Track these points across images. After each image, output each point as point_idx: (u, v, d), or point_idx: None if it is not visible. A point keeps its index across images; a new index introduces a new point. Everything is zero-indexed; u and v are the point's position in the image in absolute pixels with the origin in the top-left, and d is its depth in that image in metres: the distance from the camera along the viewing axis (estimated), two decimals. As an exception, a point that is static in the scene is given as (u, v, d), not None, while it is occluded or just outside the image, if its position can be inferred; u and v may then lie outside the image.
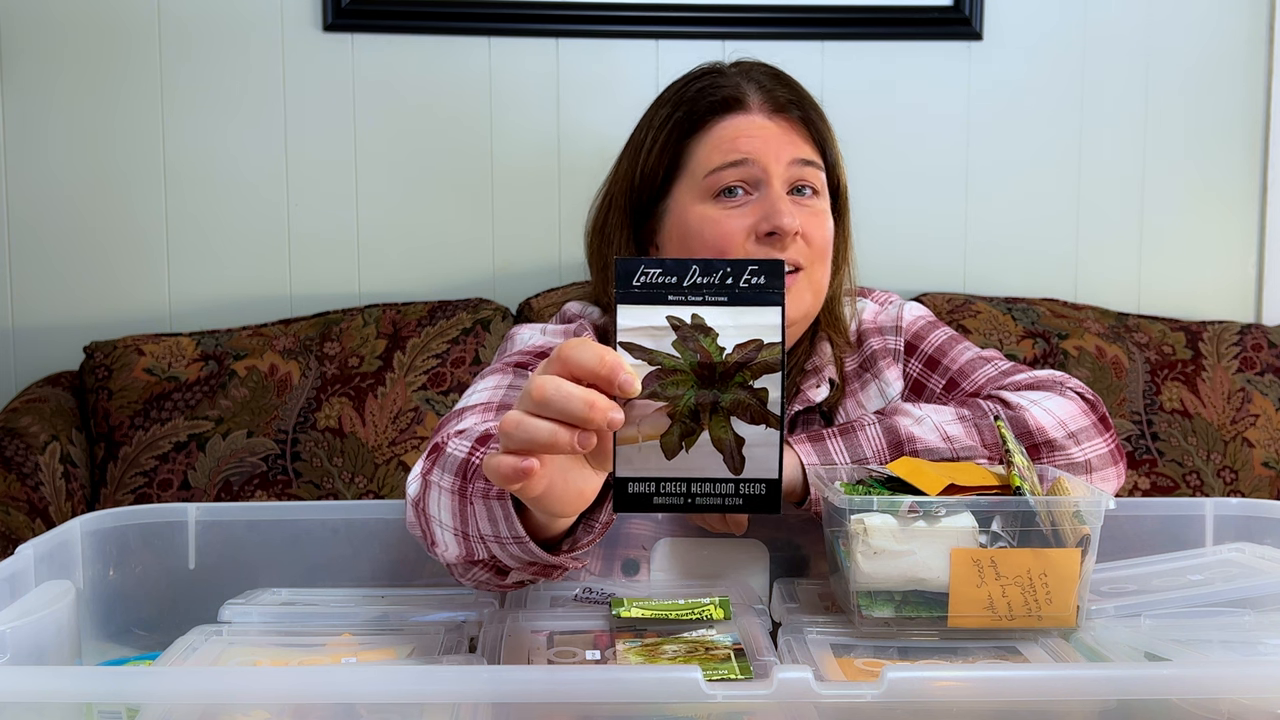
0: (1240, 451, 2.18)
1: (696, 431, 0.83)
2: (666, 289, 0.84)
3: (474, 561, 1.04)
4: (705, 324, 0.83)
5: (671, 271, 0.84)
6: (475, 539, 1.01)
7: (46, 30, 2.22)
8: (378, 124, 2.29)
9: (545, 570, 1.02)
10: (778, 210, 1.29)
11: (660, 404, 0.82)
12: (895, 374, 1.41)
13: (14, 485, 1.92)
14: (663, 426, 0.83)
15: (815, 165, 1.35)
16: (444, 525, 1.04)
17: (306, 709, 0.84)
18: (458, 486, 1.02)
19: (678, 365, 0.83)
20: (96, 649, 1.14)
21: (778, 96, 1.36)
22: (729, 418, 0.83)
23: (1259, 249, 2.43)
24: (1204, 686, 0.86)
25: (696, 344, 0.83)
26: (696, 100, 1.36)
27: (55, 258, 2.26)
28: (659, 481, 0.83)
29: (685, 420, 0.83)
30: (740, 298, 0.84)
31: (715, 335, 0.83)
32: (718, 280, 0.84)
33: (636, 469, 0.83)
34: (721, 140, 1.33)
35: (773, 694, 0.82)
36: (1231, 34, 2.39)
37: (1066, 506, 1.02)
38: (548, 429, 0.82)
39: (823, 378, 1.37)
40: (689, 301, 0.84)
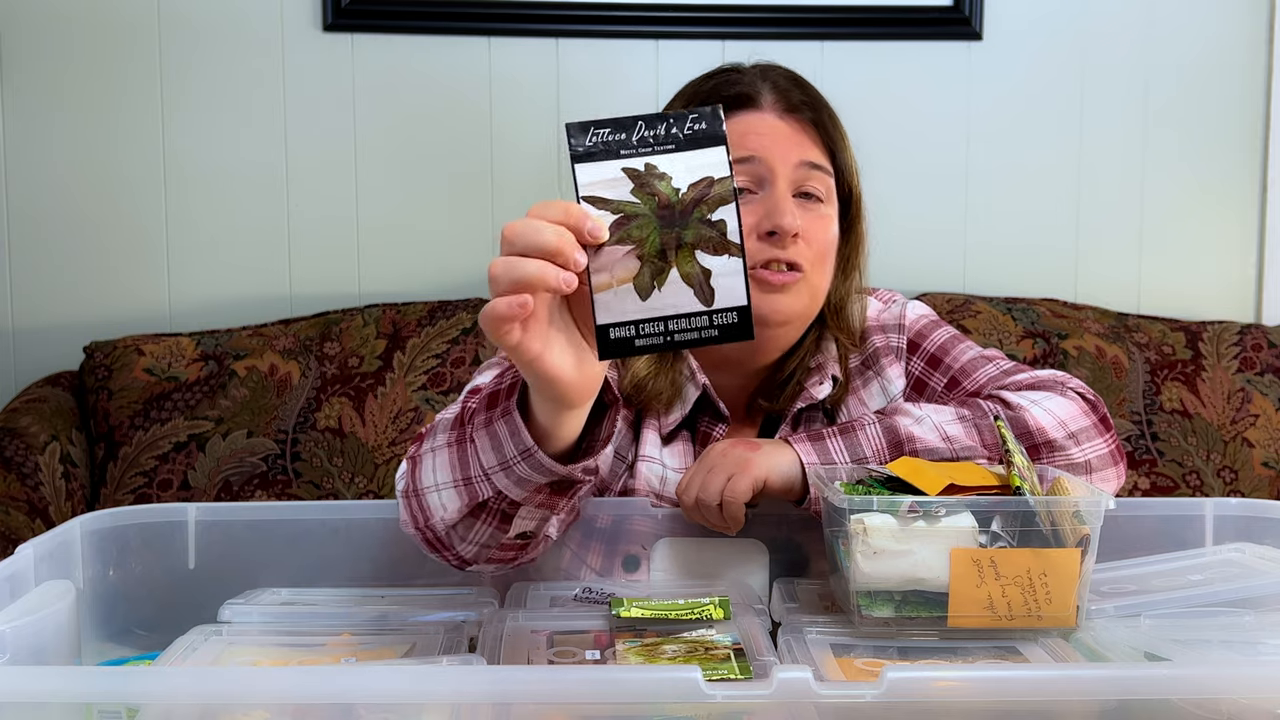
0: (1240, 451, 2.18)
1: (665, 269, 0.87)
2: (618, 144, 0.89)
3: (476, 510, 1.05)
4: (658, 169, 0.88)
5: (620, 128, 0.89)
6: (479, 479, 1.03)
7: (46, 30, 2.22)
8: (378, 124, 2.29)
9: (552, 499, 1.04)
10: (779, 209, 1.29)
11: (628, 247, 0.87)
12: (897, 372, 1.41)
13: (14, 485, 1.92)
14: (634, 269, 0.87)
15: (823, 170, 1.35)
16: (440, 486, 1.06)
17: (306, 709, 0.84)
18: (454, 437, 1.06)
19: (639, 210, 0.88)
20: (96, 649, 1.14)
21: (791, 97, 1.36)
22: (694, 252, 0.87)
23: (1259, 249, 2.43)
24: (1204, 686, 0.86)
25: (653, 188, 0.88)
26: (710, 95, 1.36)
27: (55, 258, 2.26)
28: (638, 324, 0.87)
29: (654, 260, 0.87)
30: (686, 143, 0.90)
31: (669, 179, 0.89)
32: (663, 131, 0.90)
33: (615, 314, 0.87)
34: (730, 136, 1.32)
35: (773, 694, 0.82)
36: (1231, 34, 2.39)
37: (1066, 506, 1.02)
38: (533, 264, 0.86)
39: (825, 375, 1.38)
40: (639, 153, 0.89)
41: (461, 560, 1.13)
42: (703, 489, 1.18)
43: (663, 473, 1.36)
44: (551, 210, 0.88)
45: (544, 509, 1.06)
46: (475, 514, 1.06)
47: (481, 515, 1.07)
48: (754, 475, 1.17)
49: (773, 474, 1.18)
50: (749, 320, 0.88)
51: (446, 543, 1.11)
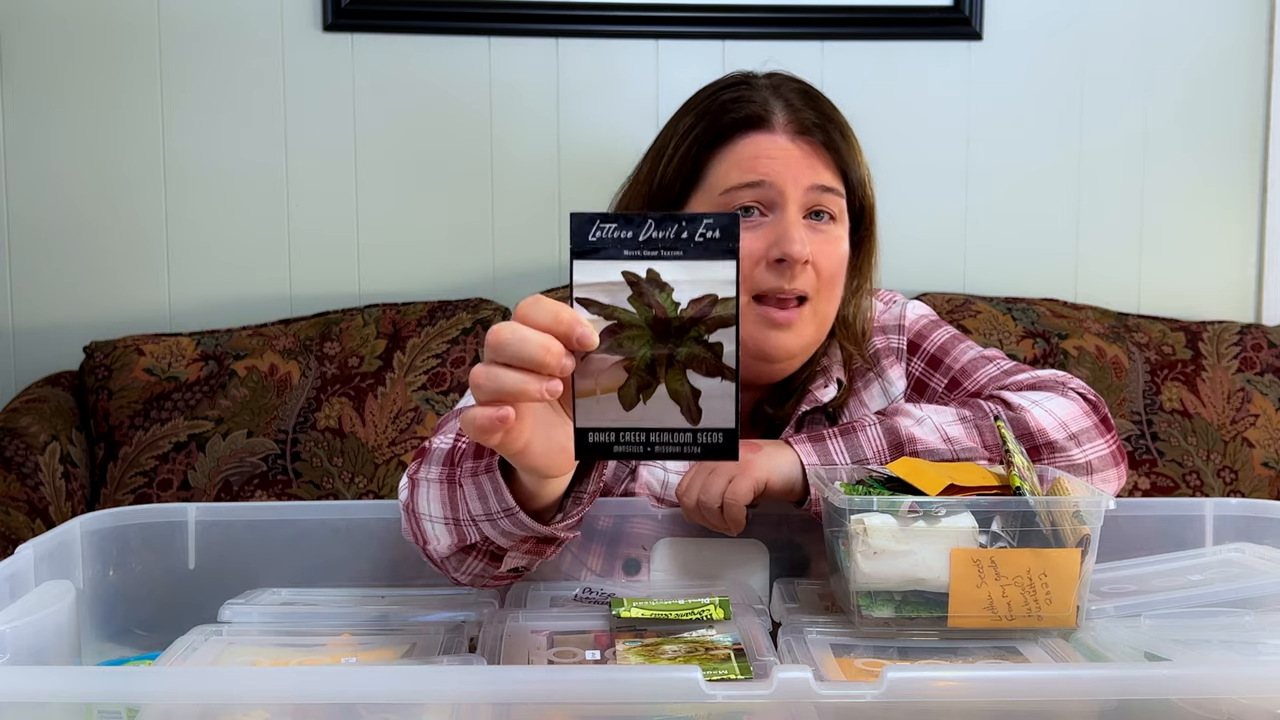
0: (1240, 451, 2.18)
1: (653, 384, 0.84)
2: (622, 244, 0.84)
3: (467, 549, 1.06)
4: (660, 278, 0.84)
5: (627, 226, 0.84)
6: (466, 522, 1.03)
7: (46, 30, 2.22)
8: (377, 124, 2.29)
9: (539, 547, 1.04)
10: (789, 237, 1.27)
11: (617, 358, 0.84)
12: (898, 373, 1.41)
13: (14, 485, 1.92)
14: (620, 379, 0.84)
15: (835, 192, 1.33)
16: (434, 518, 1.07)
17: (306, 709, 0.84)
18: (445, 475, 1.05)
19: (633, 320, 0.84)
20: (96, 649, 1.14)
21: (804, 118, 1.33)
22: (685, 371, 0.84)
23: (1259, 249, 2.43)
24: (1204, 687, 0.86)
25: (652, 299, 0.84)
26: (721, 114, 1.33)
27: (55, 258, 2.26)
28: (618, 431, 0.85)
29: (642, 373, 0.84)
30: (695, 251, 0.85)
31: (670, 290, 0.84)
32: (673, 235, 0.85)
33: (595, 420, 0.85)
34: (742, 159, 1.31)
35: (773, 694, 0.82)
36: (1231, 34, 2.39)
37: (1066, 507, 1.02)
38: (514, 377, 0.85)
39: (830, 378, 1.37)
40: (644, 256, 0.84)
41: (458, 582, 1.13)
42: (704, 491, 1.18)
43: (664, 476, 1.35)
44: (540, 315, 0.85)
45: (532, 555, 1.06)
46: (465, 551, 1.07)
47: (472, 554, 1.07)
48: (755, 477, 1.17)
49: (774, 475, 1.18)
50: (735, 443, 0.85)
51: (444, 568, 1.11)
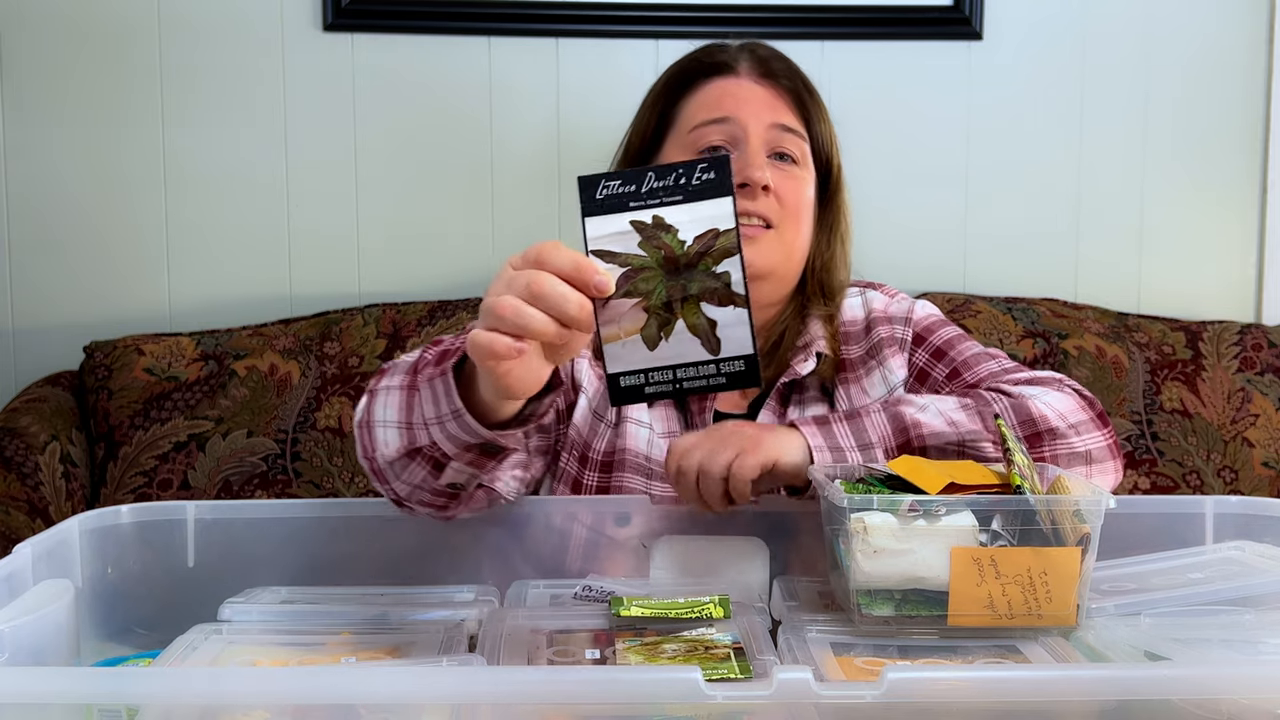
0: (1240, 451, 2.18)
1: (672, 321, 0.90)
2: (627, 197, 0.92)
3: (413, 452, 1.11)
4: (665, 221, 0.91)
5: (630, 180, 0.92)
6: (419, 425, 1.09)
7: (47, 30, 2.22)
8: (377, 124, 2.29)
9: (480, 460, 1.10)
10: (749, 163, 1.36)
11: (635, 300, 0.90)
12: (899, 363, 1.43)
13: (14, 485, 1.92)
14: (641, 321, 0.90)
15: (797, 134, 1.42)
16: (388, 423, 1.13)
17: (306, 709, 0.84)
18: (407, 382, 1.12)
19: (645, 263, 0.90)
20: (95, 648, 1.13)
21: (768, 66, 1.44)
22: (699, 304, 0.90)
23: (1259, 249, 2.43)
24: (1204, 687, 0.86)
25: (660, 241, 0.91)
26: (691, 64, 1.46)
27: (55, 258, 2.25)
28: (647, 372, 0.90)
29: (660, 312, 0.90)
30: (694, 193, 0.92)
31: (675, 231, 0.91)
32: (672, 181, 0.92)
33: (625, 364, 0.90)
34: (708, 99, 1.42)
35: (773, 694, 0.82)
36: (1231, 34, 2.39)
37: (1066, 505, 1.02)
38: (542, 319, 0.90)
39: (810, 353, 1.40)
40: (648, 205, 0.91)
41: (397, 497, 1.18)
42: (708, 458, 1.18)
43: (650, 436, 1.39)
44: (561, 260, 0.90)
45: (473, 468, 1.11)
46: (411, 455, 1.12)
47: (416, 458, 1.12)
48: (765, 455, 1.17)
49: (783, 457, 1.19)
50: (756, 368, 0.90)
51: (386, 477, 1.16)
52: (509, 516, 1.26)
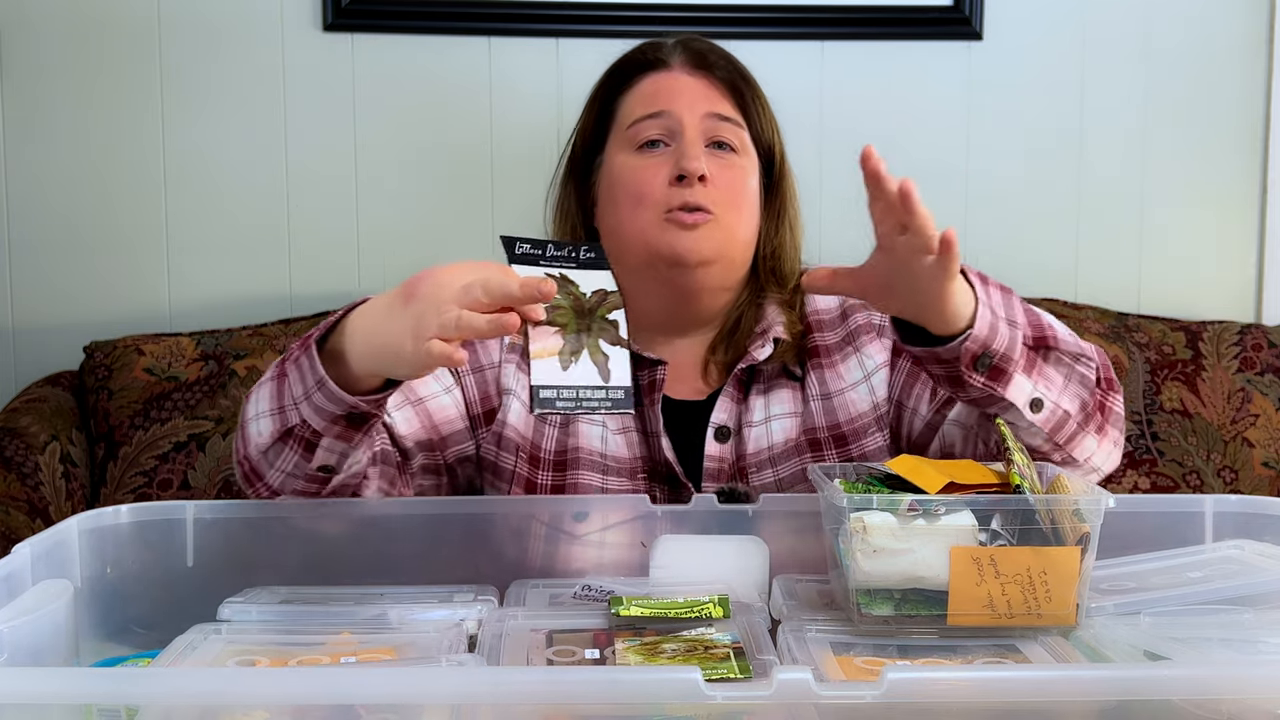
0: (1240, 451, 2.18)
1: (579, 350, 1.09)
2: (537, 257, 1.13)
3: (285, 435, 1.18)
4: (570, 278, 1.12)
5: (537, 246, 1.14)
6: (289, 406, 1.17)
7: (46, 30, 2.22)
8: (378, 124, 2.29)
9: (347, 432, 1.16)
10: (685, 154, 1.38)
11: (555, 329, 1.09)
12: (877, 348, 1.44)
13: (14, 485, 1.92)
14: (559, 346, 1.08)
15: (733, 122, 1.43)
16: (260, 415, 1.21)
17: (306, 709, 0.84)
18: (276, 373, 1.20)
19: (561, 303, 1.10)
20: (94, 647, 1.13)
21: (700, 57, 1.46)
22: (598, 340, 1.10)
23: (1259, 249, 2.43)
24: (1205, 687, 0.86)
25: (569, 290, 1.11)
26: (626, 61, 1.48)
27: (55, 258, 2.25)
28: (559, 389, 1.07)
29: (573, 341, 1.09)
30: (583, 265, 1.14)
31: (577, 285, 1.12)
32: (566, 254, 1.14)
33: (545, 379, 1.07)
34: (643, 94, 1.45)
35: (772, 695, 0.82)
36: (1231, 34, 2.38)
37: (1066, 505, 1.02)
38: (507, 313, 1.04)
39: (767, 339, 1.42)
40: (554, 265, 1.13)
41: (271, 490, 1.22)
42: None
43: (603, 433, 1.42)
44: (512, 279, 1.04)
45: (341, 441, 1.17)
46: (284, 439, 1.19)
47: (289, 442, 1.19)
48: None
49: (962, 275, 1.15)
50: (632, 397, 1.09)
51: (260, 470, 1.22)
52: (510, 516, 1.26)
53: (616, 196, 1.42)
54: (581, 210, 1.48)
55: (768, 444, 1.41)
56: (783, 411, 1.43)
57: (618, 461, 1.40)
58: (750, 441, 1.41)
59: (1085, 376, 1.24)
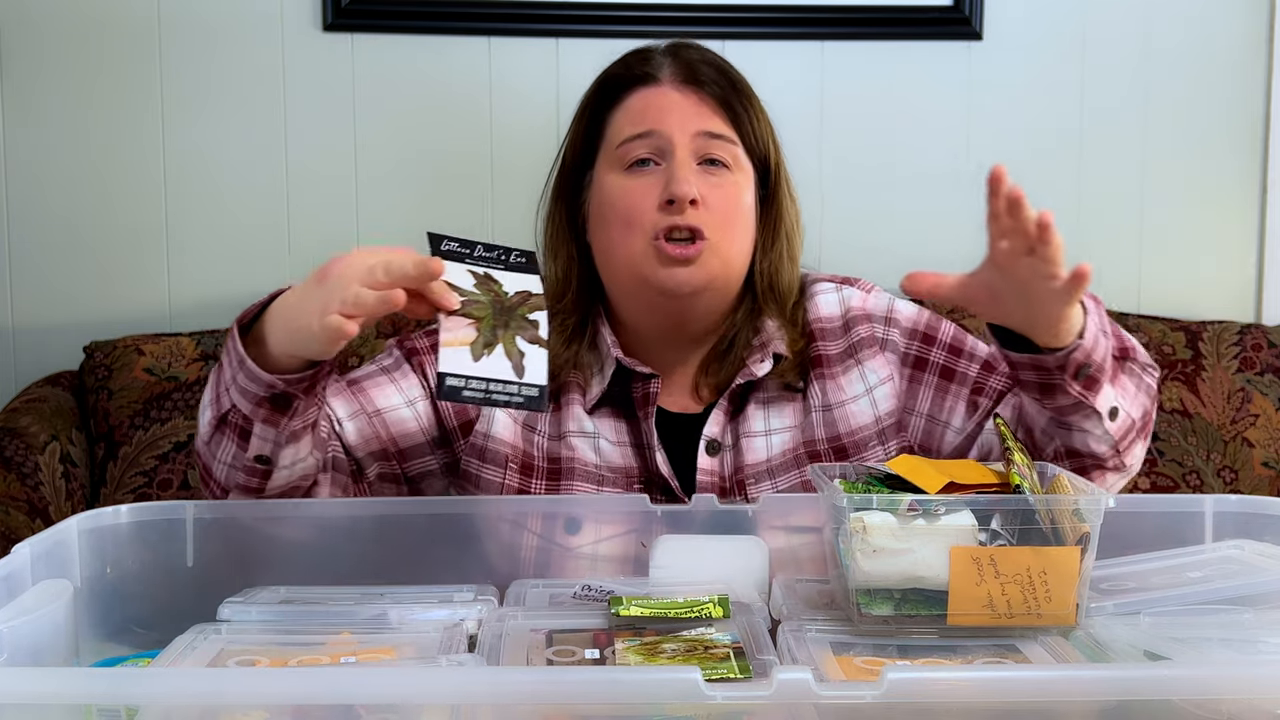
0: (1240, 451, 2.18)
1: (493, 344, 1.10)
2: (464, 255, 1.16)
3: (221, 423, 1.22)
4: (493, 277, 1.15)
5: (465, 246, 1.17)
6: (222, 392, 1.21)
7: (46, 29, 2.22)
8: (377, 124, 2.29)
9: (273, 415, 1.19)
10: (675, 178, 1.34)
11: (469, 321, 1.11)
12: (880, 363, 1.43)
13: (14, 485, 1.92)
14: (471, 337, 1.10)
15: (725, 139, 1.39)
16: (204, 407, 1.24)
17: (306, 709, 0.84)
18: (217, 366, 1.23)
19: (478, 298, 1.12)
20: (94, 647, 1.13)
21: (690, 71, 1.41)
22: (515, 336, 1.11)
23: (1259, 249, 2.43)
24: (1205, 687, 0.86)
25: (490, 286, 1.14)
26: (615, 75, 1.44)
27: (55, 258, 2.25)
28: (468, 378, 1.08)
29: (487, 334, 1.10)
30: (511, 267, 1.17)
31: (500, 284, 1.15)
32: (495, 256, 1.18)
33: (451, 366, 1.08)
34: (632, 112, 1.40)
35: (772, 695, 0.82)
36: (1231, 34, 2.39)
37: (1066, 505, 1.02)
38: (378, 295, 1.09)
39: (767, 353, 1.41)
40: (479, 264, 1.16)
41: (219, 485, 1.26)
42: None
43: (596, 442, 1.40)
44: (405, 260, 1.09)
45: (270, 426, 1.19)
46: (221, 428, 1.22)
47: (225, 430, 1.22)
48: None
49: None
50: (545, 396, 1.10)
51: (207, 464, 1.26)
52: (509, 516, 1.26)
53: (607, 218, 1.39)
54: (572, 226, 1.45)
55: (766, 455, 1.41)
56: (783, 425, 1.42)
57: (613, 472, 1.40)
58: (749, 453, 1.40)
59: (1150, 386, 1.30)
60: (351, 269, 1.11)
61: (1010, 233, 1.13)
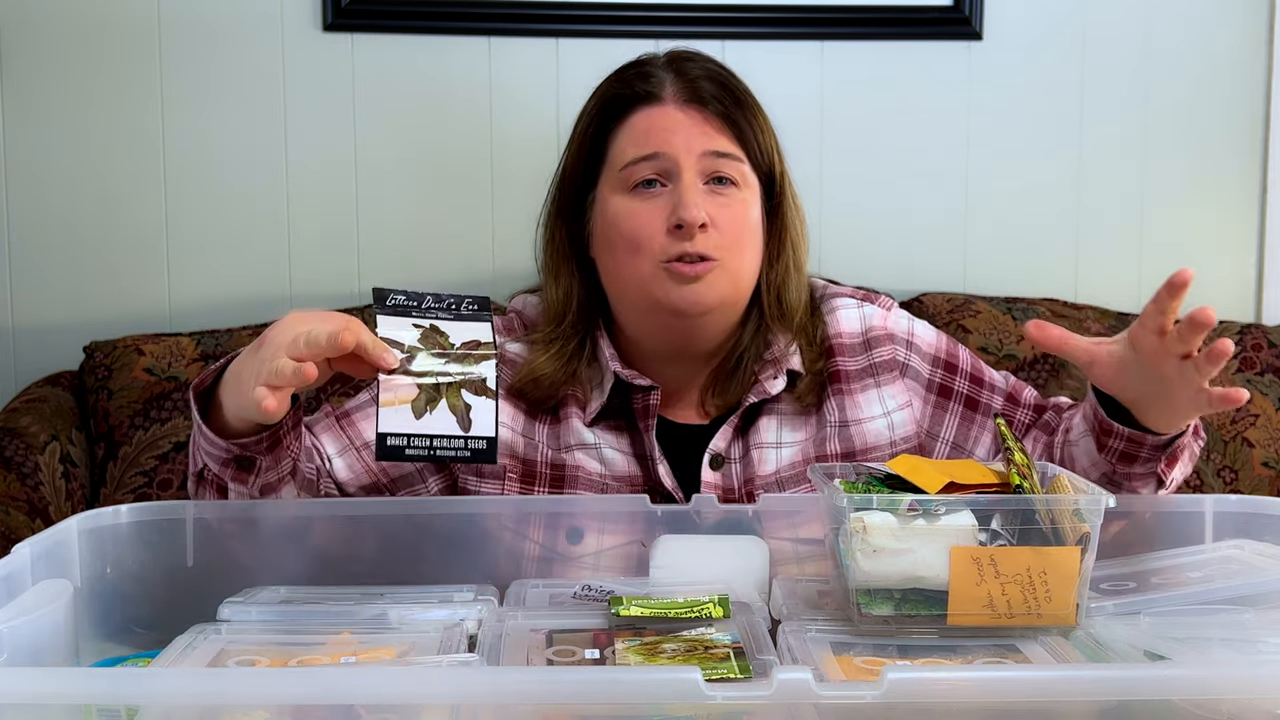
0: (1240, 451, 2.18)
1: (437, 400, 1.09)
2: (410, 309, 1.15)
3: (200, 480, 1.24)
4: (440, 329, 1.13)
5: (412, 299, 1.16)
6: (195, 451, 1.23)
7: (46, 29, 2.22)
8: (378, 124, 2.29)
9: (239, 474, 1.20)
10: (683, 202, 1.32)
11: (410, 379, 1.09)
12: (900, 389, 1.42)
13: (14, 485, 1.92)
14: (413, 395, 1.09)
15: (731, 157, 1.37)
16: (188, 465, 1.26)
17: (306, 709, 0.84)
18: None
19: (422, 351, 1.11)
20: (94, 648, 1.13)
21: (693, 88, 1.38)
22: (460, 390, 1.10)
23: (1259, 249, 2.43)
24: (1205, 687, 0.86)
25: (434, 340, 1.12)
26: (616, 93, 1.41)
27: (55, 258, 2.25)
28: (410, 436, 1.08)
29: (430, 390, 1.09)
30: (462, 317, 1.16)
31: (447, 336, 1.13)
32: (444, 306, 1.16)
33: (393, 426, 1.08)
34: (635, 133, 1.38)
35: (773, 695, 0.82)
36: (1231, 34, 2.39)
37: (1066, 505, 1.02)
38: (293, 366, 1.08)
39: (781, 369, 1.39)
40: (426, 316, 1.14)
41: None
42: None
43: (600, 452, 1.40)
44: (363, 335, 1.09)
45: (239, 484, 1.21)
46: (200, 483, 1.24)
47: (204, 485, 1.24)
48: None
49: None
50: (494, 449, 1.09)
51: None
52: (510, 516, 1.26)
53: (613, 241, 1.37)
54: (574, 245, 1.43)
55: (775, 467, 1.40)
56: (795, 439, 1.41)
57: (617, 480, 1.39)
58: (760, 465, 1.40)
59: (1196, 454, 1.31)
60: (282, 336, 1.11)
61: (1173, 339, 1.12)
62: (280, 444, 1.20)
